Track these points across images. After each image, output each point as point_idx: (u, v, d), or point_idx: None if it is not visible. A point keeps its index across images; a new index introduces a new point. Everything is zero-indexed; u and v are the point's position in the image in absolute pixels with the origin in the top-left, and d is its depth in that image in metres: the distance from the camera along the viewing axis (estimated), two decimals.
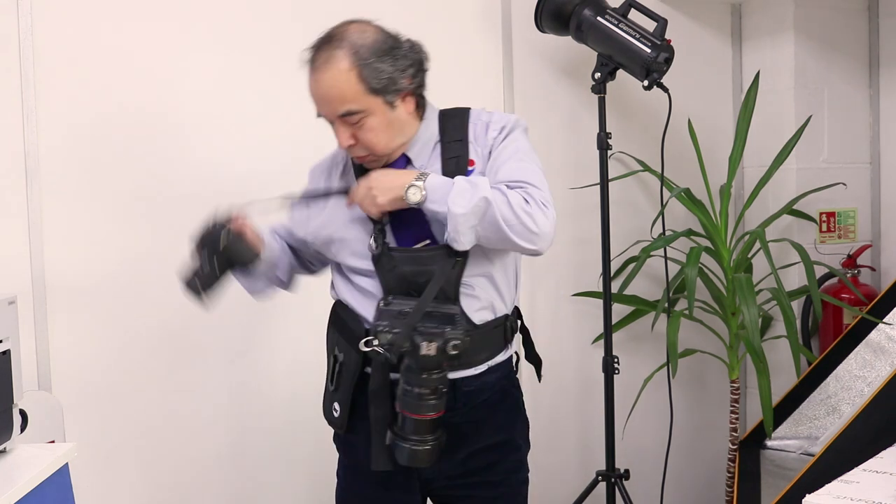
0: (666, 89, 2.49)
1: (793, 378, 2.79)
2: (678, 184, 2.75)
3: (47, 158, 2.18)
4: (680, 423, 2.83)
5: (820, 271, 2.84)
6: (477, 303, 1.65)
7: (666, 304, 2.62)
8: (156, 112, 2.30)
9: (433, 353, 1.49)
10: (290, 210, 1.82)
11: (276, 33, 2.40)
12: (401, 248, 1.63)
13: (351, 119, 1.59)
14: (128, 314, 2.28)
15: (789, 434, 2.70)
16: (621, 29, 2.50)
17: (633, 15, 2.55)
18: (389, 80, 1.58)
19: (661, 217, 2.62)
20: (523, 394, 1.85)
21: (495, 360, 1.70)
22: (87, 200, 2.24)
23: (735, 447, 2.77)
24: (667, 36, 2.50)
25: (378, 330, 1.53)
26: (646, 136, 2.84)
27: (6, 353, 1.60)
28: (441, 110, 1.74)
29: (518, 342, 1.82)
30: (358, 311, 1.68)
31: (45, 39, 2.17)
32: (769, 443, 2.70)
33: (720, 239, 2.74)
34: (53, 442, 2.01)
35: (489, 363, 1.69)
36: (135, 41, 2.27)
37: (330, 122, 1.64)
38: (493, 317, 1.68)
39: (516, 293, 1.76)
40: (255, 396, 2.42)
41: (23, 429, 1.69)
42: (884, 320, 2.63)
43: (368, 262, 1.65)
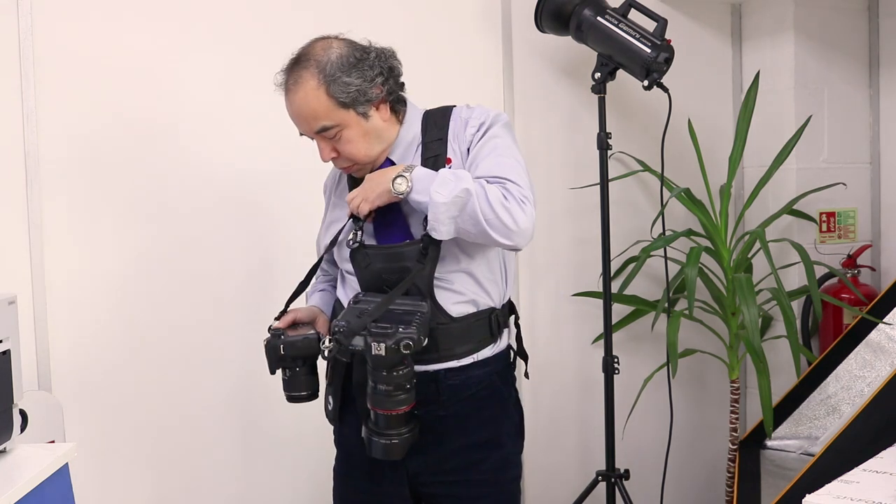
0: (666, 89, 2.49)
1: (793, 378, 2.79)
2: (678, 184, 2.75)
3: (47, 158, 2.18)
4: (680, 423, 2.84)
5: (820, 271, 2.84)
6: (456, 297, 1.67)
7: (666, 304, 2.62)
8: (156, 112, 2.30)
9: (383, 353, 1.50)
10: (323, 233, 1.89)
11: (276, 33, 2.40)
12: (375, 245, 1.67)
13: (328, 134, 1.64)
14: (128, 314, 2.28)
15: (789, 434, 2.70)
16: (621, 29, 2.50)
17: (633, 15, 2.55)
18: (358, 91, 1.62)
19: (661, 217, 2.62)
20: (524, 393, 1.85)
21: (481, 354, 1.71)
22: (87, 201, 2.24)
23: (735, 447, 2.77)
24: (667, 36, 2.50)
25: (333, 329, 1.56)
26: (646, 136, 2.84)
27: (6, 353, 1.60)
28: (426, 111, 1.76)
29: (512, 338, 1.82)
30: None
31: (45, 39, 2.17)
32: (769, 443, 2.70)
33: (720, 239, 2.74)
34: (53, 442, 2.01)
35: (474, 357, 1.70)
36: (135, 41, 2.27)
37: (311, 139, 1.69)
38: (474, 310, 1.69)
39: (507, 288, 1.77)
40: (255, 396, 2.41)
41: (23, 429, 1.69)
42: (884, 320, 2.63)
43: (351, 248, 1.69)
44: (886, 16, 3.08)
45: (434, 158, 1.68)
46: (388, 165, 1.71)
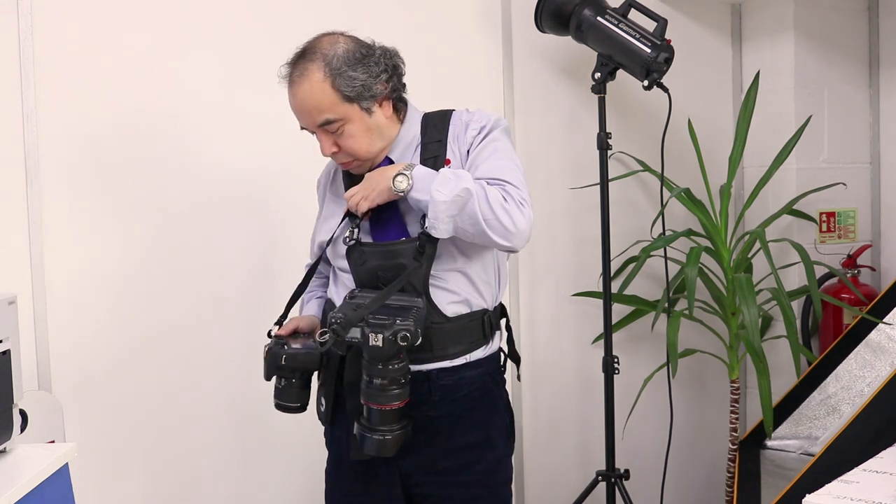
0: (666, 89, 2.49)
1: (793, 378, 2.79)
2: (678, 184, 2.76)
3: (47, 158, 2.18)
4: (680, 423, 2.84)
5: (820, 271, 2.84)
6: (450, 296, 1.67)
7: (666, 304, 2.62)
8: (156, 112, 2.30)
9: (381, 345, 1.51)
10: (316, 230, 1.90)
11: (276, 33, 2.40)
12: (371, 242, 1.68)
13: (330, 128, 1.65)
14: (128, 314, 2.28)
15: (789, 434, 2.70)
16: (621, 29, 2.50)
17: (633, 15, 2.55)
18: (363, 86, 1.63)
19: (661, 217, 2.62)
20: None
21: (474, 355, 1.71)
22: (87, 200, 2.24)
23: (735, 447, 2.77)
24: (667, 36, 2.50)
25: (329, 321, 1.56)
26: (646, 136, 2.84)
27: (6, 353, 1.60)
28: (425, 113, 1.77)
29: (503, 341, 1.83)
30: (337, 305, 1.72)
31: (45, 39, 2.17)
32: (769, 443, 2.70)
33: (720, 239, 2.74)
34: (53, 442, 2.01)
35: (467, 357, 1.70)
36: (134, 41, 2.27)
37: (312, 133, 1.69)
38: (468, 310, 1.70)
39: (500, 291, 1.78)
40: (255, 396, 2.41)
41: (23, 429, 1.69)
42: (884, 320, 2.63)
43: (347, 246, 1.70)
44: (886, 16, 3.08)
45: (433, 159, 1.69)
46: (387, 164, 1.72)
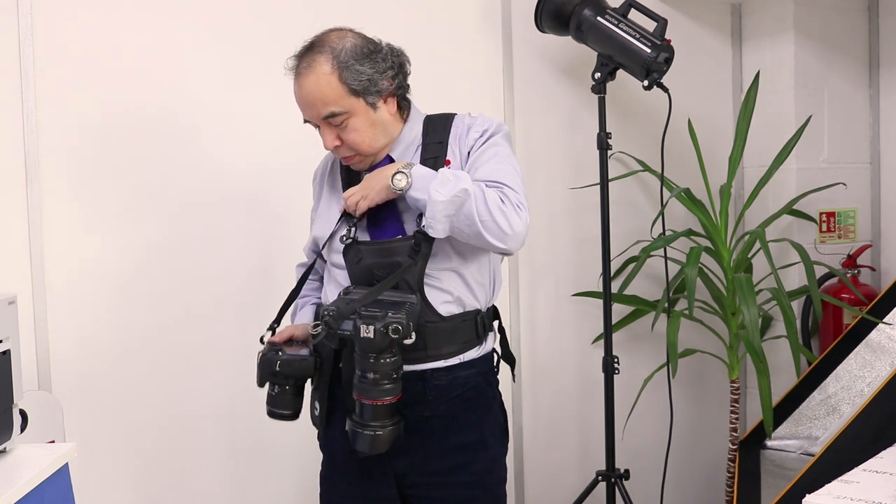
0: (666, 89, 2.49)
1: (793, 378, 2.79)
2: (678, 184, 2.75)
3: (47, 158, 2.18)
4: (680, 423, 2.84)
5: (820, 271, 2.84)
6: (444, 295, 1.68)
7: (666, 304, 2.62)
8: (156, 111, 2.30)
9: (372, 336, 1.51)
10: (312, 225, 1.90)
11: (276, 32, 2.40)
12: (367, 240, 1.69)
13: (335, 121, 1.65)
14: (128, 314, 2.28)
15: (789, 434, 2.70)
16: (621, 29, 2.50)
17: (633, 15, 2.55)
18: (370, 81, 1.65)
19: (661, 217, 2.62)
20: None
21: (467, 355, 1.72)
22: (87, 200, 2.24)
23: (735, 447, 2.77)
24: (667, 36, 2.50)
25: (322, 314, 1.56)
26: (646, 136, 2.84)
27: (6, 353, 1.60)
28: (427, 115, 1.79)
29: (496, 342, 1.83)
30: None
31: (45, 39, 2.17)
32: (769, 443, 2.70)
33: (720, 239, 2.74)
34: (53, 442, 2.01)
35: (461, 357, 1.71)
36: (135, 41, 2.27)
37: (315, 126, 1.70)
38: (461, 310, 1.70)
39: (493, 294, 1.79)
40: (255, 396, 2.40)
41: (23, 429, 1.69)
42: (884, 320, 2.63)
43: (343, 244, 1.71)
44: (886, 16, 3.08)
45: (433, 160, 1.70)
46: (388, 163, 1.72)
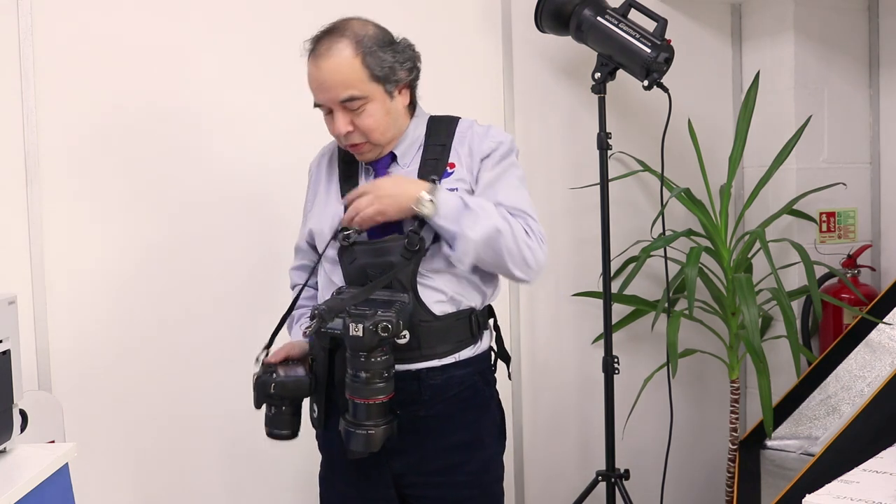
0: (666, 89, 2.49)
1: (793, 378, 2.79)
2: (678, 184, 2.76)
3: (47, 158, 2.18)
4: (680, 423, 2.84)
5: (820, 271, 2.84)
6: (437, 294, 1.68)
7: (666, 304, 2.62)
8: (156, 111, 2.30)
9: (361, 334, 1.51)
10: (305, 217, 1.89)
11: (276, 32, 2.40)
12: (362, 241, 1.68)
13: (352, 105, 1.64)
14: (128, 314, 2.28)
15: (789, 434, 2.70)
16: (621, 29, 2.50)
17: (633, 15, 2.55)
18: (391, 69, 1.66)
19: (661, 217, 2.62)
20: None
21: (462, 354, 1.71)
22: (87, 200, 2.24)
23: (735, 447, 2.77)
24: (667, 36, 2.50)
25: (313, 311, 1.56)
26: (646, 136, 2.84)
27: (6, 353, 1.60)
28: (431, 116, 1.79)
29: (493, 340, 1.83)
30: None
31: (45, 39, 2.17)
32: (769, 443, 2.70)
33: (720, 239, 2.74)
34: (53, 442, 2.01)
35: (456, 356, 1.70)
36: (135, 41, 2.27)
37: (327, 111, 1.68)
38: (454, 309, 1.70)
39: (490, 292, 1.78)
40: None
41: (23, 429, 1.69)
42: (884, 320, 2.63)
43: (339, 242, 1.70)
44: (886, 16, 3.08)
45: (434, 161, 1.70)
46: (389, 159, 1.73)
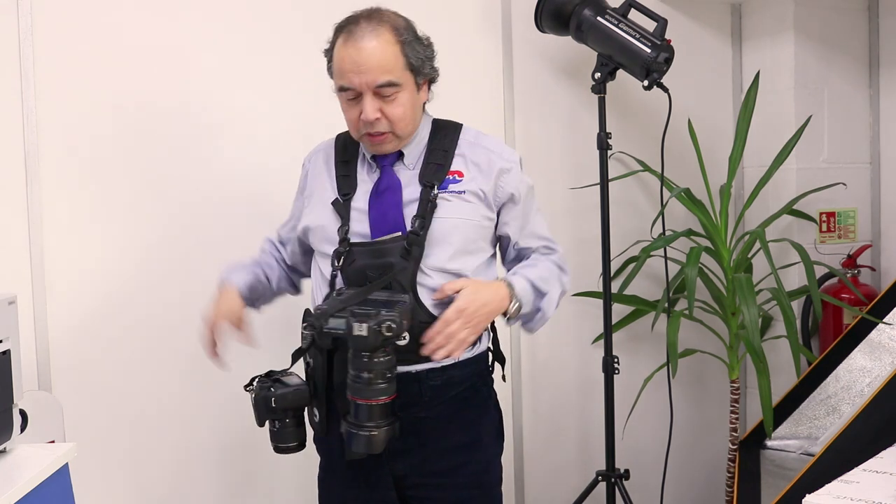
0: (666, 89, 2.49)
1: (793, 378, 2.79)
2: (678, 184, 2.76)
3: (47, 158, 2.18)
4: (680, 423, 2.84)
5: (820, 271, 2.84)
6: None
7: (666, 304, 2.62)
8: (156, 111, 2.30)
9: (365, 334, 1.50)
10: (294, 206, 1.90)
11: (276, 32, 2.40)
12: (362, 242, 1.67)
13: (385, 91, 1.63)
14: (128, 314, 2.28)
15: (789, 434, 2.70)
16: (621, 29, 2.50)
17: (633, 15, 2.55)
18: (423, 60, 1.68)
19: (661, 217, 2.62)
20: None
21: (462, 355, 1.71)
22: (87, 200, 2.24)
23: (735, 447, 2.77)
24: (667, 36, 2.50)
25: (304, 316, 1.56)
26: (646, 136, 2.84)
27: (6, 353, 1.60)
28: (434, 119, 1.79)
29: (490, 341, 1.83)
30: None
31: (45, 39, 2.17)
32: (769, 443, 2.70)
33: (720, 239, 2.74)
34: (53, 442, 2.01)
35: (455, 358, 1.69)
36: (135, 41, 2.27)
37: (354, 96, 1.65)
38: None
39: None
40: None
41: (23, 429, 1.69)
42: (884, 320, 2.63)
43: (336, 244, 1.69)
44: (886, 16, 3.08)
45: (436, 166, 1.70)
46: (397, 158, 1.72)
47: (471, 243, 1.72)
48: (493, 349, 1.84)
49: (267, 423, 1.70)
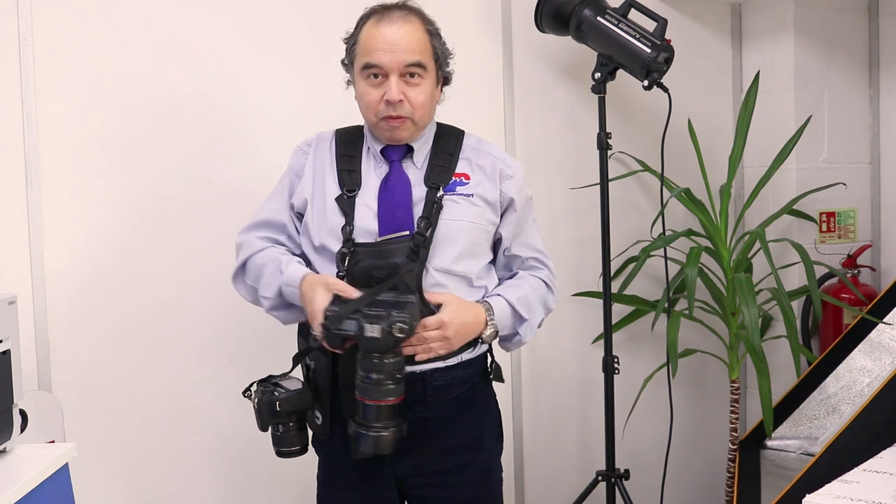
0: (666, 89, 2.49)
1: (793, 378, 2.79)
2: (678, 184, 2.76)
3: (47, 158, 2.18)
4: (680, 423, 2.84)
5: (820, 271, 2.84)
6: None
7: (666, 304, 2.62)
8: (156, 111, 2.30)
9: (377, 335, 1.50)
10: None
11: (276, 32, 2.40)
12: (366, 243, 1.66)
13: (413, 71, 1.67)
14: (128, 314, 2.28)
15: (789, 434, 2.70)
16: (621, 29, 2.50)
17: (633, 15, 2.55)
18: (445, 55, 1.74)
19: (661, 217, 2.62)
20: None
21: (465, 355, 1.72)
22: (87, 200, 2.24)
23: (735, 447, 2.77)
24: (667, 36, 2.50)
25: (326, 314, 1.55)
26: (646, 136, 2.84)
27: (6, 353, 1.60)
28: (437, 122, 1.81)
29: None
30: None
31: (45, 39, 2.17)
32: (769, 443, 2.70)
33: (720, 239, 2.74)
34: (53, 442, 2.01)
35: (459, 357, 1.71)
36: (134, 41, 2.27)
37: (380, 76, 1.65)
38: None
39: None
40: None
41: (23, 429, 1.69)
42: (884, 320, 2.63)
43: (340, 242, 1.67)
44: (886, 16, 3.07)
45: (441, 168, 1.71)
46: (405, 151, 1.72)
47: (475, 246, 1.72)
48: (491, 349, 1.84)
49: (269, 428, 1.70)
